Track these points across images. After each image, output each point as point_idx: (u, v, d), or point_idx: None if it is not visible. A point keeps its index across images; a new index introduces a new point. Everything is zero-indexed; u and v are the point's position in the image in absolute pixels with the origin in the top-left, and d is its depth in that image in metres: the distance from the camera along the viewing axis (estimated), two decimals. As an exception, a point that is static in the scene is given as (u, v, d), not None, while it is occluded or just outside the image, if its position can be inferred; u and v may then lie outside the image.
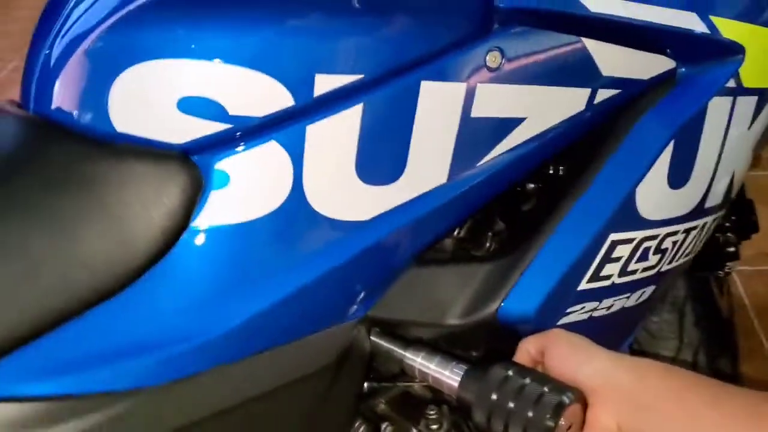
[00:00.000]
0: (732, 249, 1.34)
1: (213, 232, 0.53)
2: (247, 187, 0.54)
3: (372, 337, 0.72)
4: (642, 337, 1.23)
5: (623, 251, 0.70)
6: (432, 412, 0.72)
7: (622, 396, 0.55)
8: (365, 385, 0.76)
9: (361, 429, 0.76)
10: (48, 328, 0.48)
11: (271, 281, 0.56)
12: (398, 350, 0.70)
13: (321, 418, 0.64)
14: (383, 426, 0.74)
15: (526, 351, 0.63)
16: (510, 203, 0.88)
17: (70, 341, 0.49)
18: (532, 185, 0.85)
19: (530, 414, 0.57)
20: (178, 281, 0.52)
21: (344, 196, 0.57)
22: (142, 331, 0.51)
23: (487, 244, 0.81)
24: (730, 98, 0.74)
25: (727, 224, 1.33)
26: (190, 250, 0.53)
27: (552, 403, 0.56)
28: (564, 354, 0.60)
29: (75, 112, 0.56)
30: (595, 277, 0.68)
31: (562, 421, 0.56)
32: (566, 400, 0.57)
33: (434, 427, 0.72)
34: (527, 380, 0.59)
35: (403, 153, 0.59)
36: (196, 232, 0.52)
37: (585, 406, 0.58)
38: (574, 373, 0.58)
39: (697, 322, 1.21)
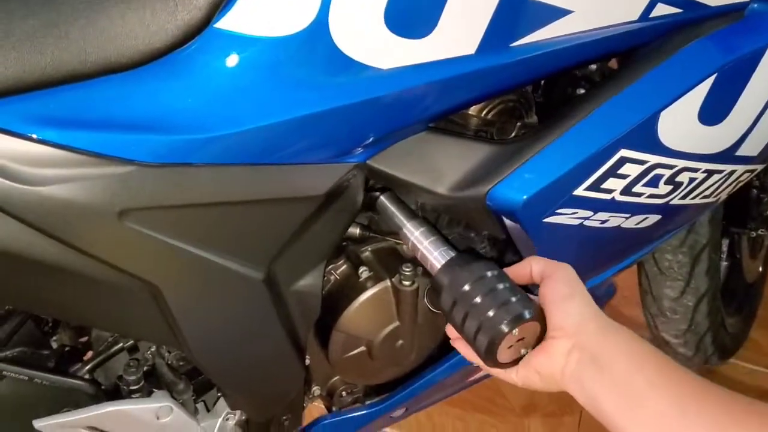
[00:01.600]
0: (772, 214, 1.30)
1: (231, 38, 0.54)
2: (272, 3, 0.54)
3: (382, 198, 0.75)
4: (650, 269, 1.24)
5: (631, 170, 0.69)
6: (407, 270, 0.76)
7: (582, 342, 0.58)
8: (358, 231, 0.80)
9: (343, 267, 0.81)
10: (59, 83, 0.51)
11: (278, 101, 0.58)
12: (401, 217, 0.74)
13: (299, 242, 0.68)
14: (361, 269, 0.78)
15: (528, 265, 0.65)
16: (548, 99, 0.88)
17: (78, 100, 0.53)
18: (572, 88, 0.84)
19: (490, 314, 0.60)
20: (189, 75, 0.55)
21: (367, 39, 0.58)
22: (146, 110, 0.54)
23: (513, 133, 0.82)
24: (797, 49, 0.70)
25: (779, 189, 1.29)
26: (207, 49, 0.54)
27: (514, 312, 0.60)
28: (557, 285, 0.62)
29: None
30: (596, 188, 0.69)
31: (515, 331, 0.59)
32: (527, 314, 0.60)
33: (406, 283, 0.77)
34: (501, 286, 0.62)
35: (435, 12, 0.58)
36: (216, 33, 0.54)
37: (544, 327, 0.61)
38: (554, 303, 0.61)
39: (708, 271, 1.20)
